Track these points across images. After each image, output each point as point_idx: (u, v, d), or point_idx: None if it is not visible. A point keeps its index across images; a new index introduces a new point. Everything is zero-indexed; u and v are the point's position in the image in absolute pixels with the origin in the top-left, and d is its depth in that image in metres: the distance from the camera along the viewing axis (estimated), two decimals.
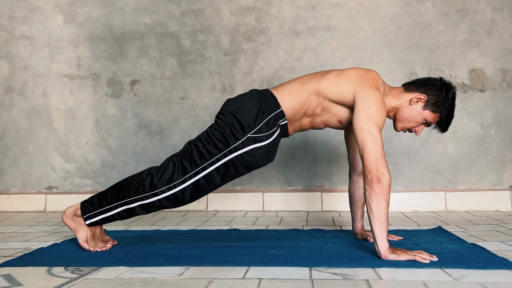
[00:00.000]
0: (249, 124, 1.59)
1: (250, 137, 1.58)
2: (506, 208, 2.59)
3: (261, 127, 1.59)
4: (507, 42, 2.67)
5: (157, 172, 1.62)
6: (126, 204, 1.63)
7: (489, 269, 1.32)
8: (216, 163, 1.59)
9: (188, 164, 1.60)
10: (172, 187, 1.60)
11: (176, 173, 1.60)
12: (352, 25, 2.75)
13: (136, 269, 1.38)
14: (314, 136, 2.74)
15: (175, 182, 1.60)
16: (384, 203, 1.43)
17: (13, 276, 1.32)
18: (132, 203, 1.63)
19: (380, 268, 1.35)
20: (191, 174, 1.59)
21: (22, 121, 2.93)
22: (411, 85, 1.68)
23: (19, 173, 2.92)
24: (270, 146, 1.61)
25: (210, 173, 1.60)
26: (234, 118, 1.60)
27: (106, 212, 1.65)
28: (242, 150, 1.58)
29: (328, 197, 2.70)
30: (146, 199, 1.62)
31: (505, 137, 2.65)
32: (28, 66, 2.95)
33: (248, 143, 1.58)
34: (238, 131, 1.58)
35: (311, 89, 1.64)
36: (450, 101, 1.65)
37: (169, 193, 1.60)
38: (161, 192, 1.60)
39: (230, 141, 1.58)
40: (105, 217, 1.66)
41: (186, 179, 1.60)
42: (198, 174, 1.59)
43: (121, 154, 2.86)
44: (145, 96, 2.86)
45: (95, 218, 1.67)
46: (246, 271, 1.34)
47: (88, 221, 1.67)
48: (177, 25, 2.85)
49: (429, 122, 1.68)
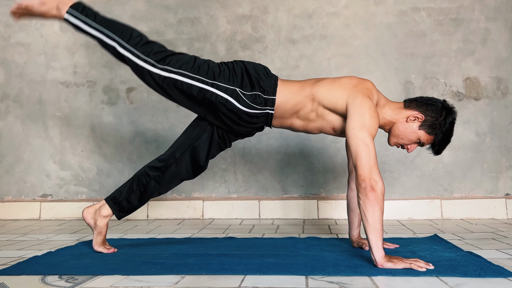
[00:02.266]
0: (243, 84, 1.65)
1: (236, 91, 1.64)
2: (502, 216, 2.60)
3: (250, 95, 1.65)
4: (501, 51, 2.69)
5: (148, 42, 1.68)
6: (106, 35, 1.66)
7: (485, 277, 1.32)
8: (195, 81, 1.64)
9: (175, 61, 1.65)
10: (147, 62, 1.64)
11: (160, 55, 1.65)
12: (348, 34, 2.77)
13: (131, 278, 1.37)
14: (310, 144, 2.74)
15: (152, 61, 1.64)
16: (379, 211, 1.43)
17: (6, 285, 1.31)
18: (109, 39, 1.67)
19: (377, 276, 1.35)
20: (169, 69, 1.64)
21: (18, 128, 2.92)
22: (412, 102, 1.68)
23: (13, 181, 2.91)
24: (243, 116, 1.66)
25: (183, 82, 1.64)
26: (238, 71, 1.67)
27: (86, 24, 1.66)
28: (221, 93, 1.64)
29: (324, 205, 2.70)
30: (121, 49, 1.66)
31: (500, 145, 2.67)
32: (24, 73, 2.94)
33: (230, 94, 1.64)
34: (233, 80, 1.65)
35: (308, 93, 1.66)
36: (447, 125, 1.63)
37: (140, 63, 1.65)
38: (137, 56, 1.65)
39: (221, 79, 1.65)
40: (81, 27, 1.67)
41: (162, 69, 1.64)
42: (174, 74, 1.64)
43: (116, 161, 2.85)
44: (141, 103, 2.86)
45: (74, 19, 1.67)
46: (242, 279, 1.33)
47: (68, 14, 1.66)
48: (173, 33, 2.86)
49: (423, 142, 1.67)
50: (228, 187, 2.79)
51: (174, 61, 1.65)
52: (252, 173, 2.78)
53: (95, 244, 1.74)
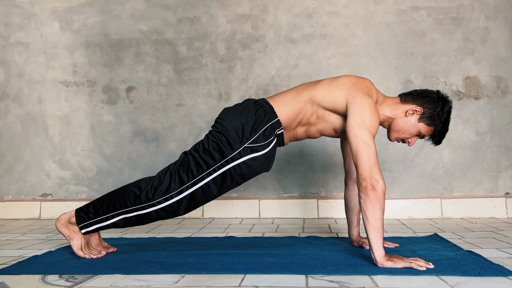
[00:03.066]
0: (246, 134, 1.59)
1: (247, 147, 1.58)
2: (502, 215, 2.60)
3: (258, 137, 1.59)
4: (501, 50, 2.69)
5: (154, 183, 1.61)
6: (123, 213, 1.63)
7: (485, 276, 1.32)
8: (213, 174, 1.58)
9: (185, 175, 1.59)
10: (169, 198, 1.59)
11: (173, 184, 1.59)
12: (348, 33, 2.77)
13: (131, 277, 1.37)
14: (310, 143, 2.74)
15: (172, 193, 1.59)
16: (379, 210, 1.43)
17: (6, 284, 1.31)
18: (129, 213, 1.62)
19: (377, 275, 1.35)
20: (188, 185, 1.59)
21: (17, 127, 2.92)
22: (408, 96, 1.69)
23: (13, 180, 2.91)
24: (267, 155, 1.61)
25: (207, 184, 1.59)
26: (231, 128, 1.59)
27: (102, 222, 1.64)
28: (239, 160, 1.58)
29: (324, 204, 2.70)
30: (143, 210, 1.61)
31: (500, 144, 2.67)
32: (23, 73, 2.94)
33: (245, 153, 1.58)
34: (235, 141, 1.58)
35: (306, 98, 1.65)
36: (445, 115, 1.65)
37: (165, 204, 1.60)
38: (157, 203, 1.59)
39: (227, 152, 1.58)
40: (101, 226, 1.65)
41: (183, 190, 1.59)
42: (195, 184, 1.59)
43: (116, 161, 2.85)
44: (141, 103, 2.86)
45: (90, 227, 1.66)
46: (242, 279, 1.33)
47: (84, 230, 1.66)
48: (173, 32, 2.85)
49: (423, 134, 1.68)
50: None
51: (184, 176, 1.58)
52: None
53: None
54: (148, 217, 1.63)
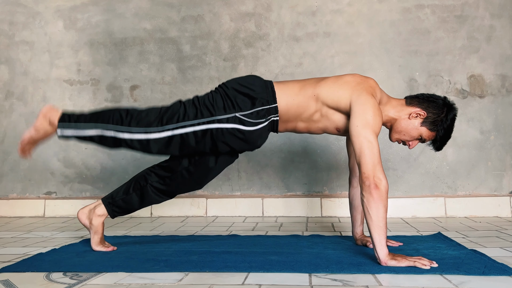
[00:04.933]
0: (241, 106, 1.62)
1: (237, 117, 1.62)
2: (506, 214, 2.59)
3: (251, 113, 1.62)
4: (506, 48, 2.68)
5: (141, 114, 1.65)
6: (102, 128, 1.66)
7: (489, 275, 1.31)
8: (196, 126, 1.62)
9: (171, 117, 1.63)
10: (148, 132, 1.63)
11: (156, 121, 1.63)
12: (352, 31, 2.76)
13: (135, 275, 1.38)
14: (313, 141, 2.74)
15: (152, 128, 1.63)
16: (383, 209, 1.43)
17: (11, 282, 1.31)
18: (107, 130, 1.65)
19: (380, 274, 1.35)
20: (169, 127, 1.62)
21: (22, 126, 2.93)
22: (414, 99, 1.68)
23: (18, 178, 2.92)
24: (252, 133, 1.64)
25: (188, 134, 1.62)
26: (231, 95, 1.64)
27: (80, 129, 1.67)
28: (225, 125, 1.62)
29: (327, 203, 2.69)
30: (120, 133, 1.64)
31: (505, 143, 2.66)
32: (28, 71, 2.95)
33: (233, 121, 1.62)
34: (228, 107, 1.62)
35: (310, 94, 1.65)
36: (448, 122, 1.64)
37: (142, 137, 1.64)
38: (136, 132, 1.63)
39: (217, 112, 1.62)
40: (76, 134, 1.68)
41: (163, 130, 1.62)
42: (176, 129, 1.62)
43: (120, 159, 2.86)
44: (145, 101, 2.86)
45: (67, 130, 1.68)
46: (245, 277, 1.34)
47: (59, 130, 1.68)
48: (177, 30, 2.86)
49: (424, 139, 1.68)
50: (231, 185, 2.80)
51: (169, 117, 1.63)
52: (255, 171, 2.78)
53: (93, 243, 1.75)
54: (123, 142, 1.66)
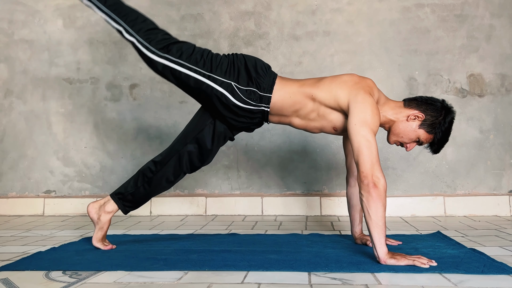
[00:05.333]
0: (240, 79, 1.65)
1: (231, 85, 1.65)
2: (505, 213, 2.59)
3: (245, 90, 1.65)
4: (506, 47, 2.68)
5: (156, 29, 1.72)
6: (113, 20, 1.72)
7: (488, 274, 1.32)
8: (191, 71, 1.66)
9: (176, 50, 1.67)
10: (149, 47, 1.67)
11: (161, 42, 1.67)
12: (351, 30, 2.76)
13: (135, 274, 1.38)
14: (313, 140, 2.74)
15: (153, 46, 1.67)
16: (381, 208, 1.43)
17: (11, 281, 1.31)
18: (117, 23, 1.72)
19: (379, 273, 1.35)
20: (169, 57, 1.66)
21: (21, 124, 2.93)
22: (412, 101, 1.69)
23: (17, 177, 2.92)
24: (237, 109, 1.66)
25: (180, 72, 1.66)
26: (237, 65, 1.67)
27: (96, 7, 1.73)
28: (216, 86, 1.65)
29: (327, 202, 2.70)
30: (126, 33, 1.71)
31: (504, 142, 2.66)
32: (27, 70, 2.95)
33: (226, 87, 1.65)
34: (229, 74, 1.65)
35: (308, 93, 1.66)
36: (446, 124, 1.65)
37: (141, 47, 1.68)
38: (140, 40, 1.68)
39: (217, 71, 1.65)
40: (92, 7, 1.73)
41: (161, 55, 1.66)
42: (173, 63, 1.66)
43: (120, 158, 2.86)
44: (144, 100, 2.86)
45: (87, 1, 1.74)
46: (245, 275, 1.34)
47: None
48: (176, 29, 2.85)
49: (422, 141, 1.68)
50: (231, 184, 2.80)
51: (175, 50, 1.67)
52: (255, 169, 2.78)
53: (95, 239, 1.75)
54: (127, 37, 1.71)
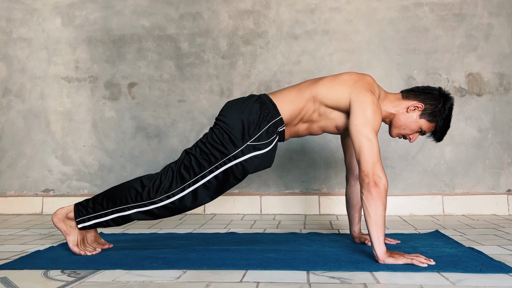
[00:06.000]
0: (249, 131, 1.58)
1: (250, 145, 1.58)
2: (503, 212, 2.59)
3: (261, 135, 1.59)
4: (504, 46, 2.68)
5: (156, 180, 1.60)
6: (123, 210, 1.61)
7: (486, 273, 1.32)
8: (215, 171, 1.58)
9: (187, 173, 1.58)
10: (171, 196, 1.58)
11: (174, 182, 1.58)
12: (350, 29, 2.76)
13: (133, 273, 1.38)
14: (311, 139, 2.74)
15: (173, 190, 1.58)
16: (381, 207, 1.43)
17: (9, 279, 1.31)
18: (128, 210, 1.60)
19: (378, 271, 1.35)
20: (190, 182, 1.58)
21: (20, 123, 2.93)
22: (410, 92, 1.68)
23: (16, 176, 2.91)
24: (269, 153, 1.62)
25: (210, 181, 1.58)
26: (233, 125, 1.58)
27: (100, 217, 1.62)
28: (242, 158, 1.57)
29: (325, 201, 2.70)
30: (143, 207, 1.59)
31: (502, 141, 2.66)
32: (25, 69, 2.94)
33: (247, 151, 1.57)
34: (237, 139, 1.57)
35: (308, 96, 1.64)
36: (447, 111, 1.65)
37: (167, 202, 1.58)
38: (159, 200, 1.58)
39: (229, 149, 1.57)
40: (98, 222, 1.63)
41: (185, 188, 1.58)
42: (197, 182, 1.58)
43: (118, 157, 2.86)
44: (143, 98, 2.86)
45: (88, 223, 1.63)
46: (243, 274, 1.34)
47: (80, 225, 1.64)
48: (175, 28, 2.85)
49: (424, 131, 1.68)
50: None
51: (185, 174, 1.58)
52: None
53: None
54: (149, 214, 1.61)
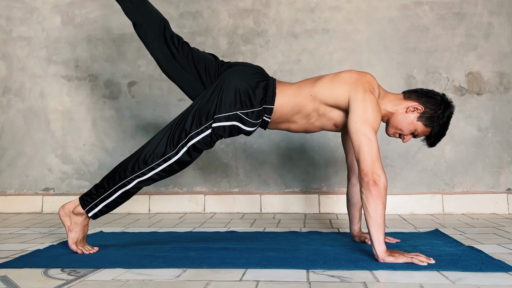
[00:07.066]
0: (245, 101, 1.62)
1: (238, 114, 1.62)
2: (503, 211, 2.60)
3: (252, 112, 1.63)
4: (504, 45, 2.68)
5: (150, 148, 1.65)
6: (124, 185, 1.64)
7: (486, 271, 1.32)
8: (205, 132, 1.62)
9: (179, 136, 1.63)
10: (167, 159, 1.62)
11: (168, 146, 1.63)
12: (350, 28, 2.76)
13: (133, 271, 1.38)
14: (311, 138, 2.74)
15: (168, 154, 1.62)
16: (381, 206, 1.43)
17: (9, 278, 1.31)
18: (130, 182, 1.64)
19: (378, 270, 1.35)
20: (182, 144, 1.62)
21: (19, 122, 2.92)
22: (412, 93, 1.68)
23: (15, 174, 2.91)
24: (249, 132, 1.67)
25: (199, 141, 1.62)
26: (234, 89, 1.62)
27: (106, 199, 1.65)
28: (225, 123, 1.61)
29: (325, 199, 2.70)
30: (143, 175, 1.63)
31: (502, 140, 2.66)
32: (25, 67, 2.94)
33: (233, 118, 1.61)
34: (230, 104, 1.61)
35: (306, 94, 1.65)
36: (445, 119, 1.64)
37: (165, 165, 1.63)
38: (157, 165, 1.63)
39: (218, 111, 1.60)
40: (107, 203, 1.65)
41: (178, 151, 1.62)
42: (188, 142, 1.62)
43: (118, 155, 2.86)
44: (143, 97, 2.86)
45: (96, 208, 1.66)
46: (243, 273, 1.34)
47: (90, 213, 1.66)
48: (175, 27, 2.85)
49: (418, 134, 1.68)
50: (229, 182, 2.80)
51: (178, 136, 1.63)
52: (253, 167, 2.78)
53: None
54: (151, 179, 1.65)
